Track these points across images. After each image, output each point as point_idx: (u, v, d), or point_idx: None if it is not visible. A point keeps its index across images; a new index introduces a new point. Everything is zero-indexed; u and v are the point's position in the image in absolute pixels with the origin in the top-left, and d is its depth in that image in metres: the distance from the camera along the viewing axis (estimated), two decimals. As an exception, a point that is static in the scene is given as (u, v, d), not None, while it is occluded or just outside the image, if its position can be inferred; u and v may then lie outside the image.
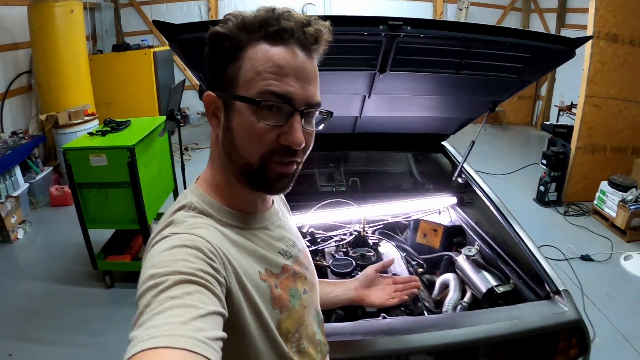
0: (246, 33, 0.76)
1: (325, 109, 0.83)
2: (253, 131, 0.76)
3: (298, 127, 0.76)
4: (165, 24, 1.45)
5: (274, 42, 0.75)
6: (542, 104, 8.45)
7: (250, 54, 0.75)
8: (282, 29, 0.74)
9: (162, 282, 0.62)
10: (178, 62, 8.29)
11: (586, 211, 4.90)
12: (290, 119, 0.76)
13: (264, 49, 0.75)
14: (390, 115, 2.45)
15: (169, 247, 0.69)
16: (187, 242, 0.70)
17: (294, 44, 0.76)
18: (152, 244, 0.73)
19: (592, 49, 4.63)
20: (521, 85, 2.12)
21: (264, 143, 0.76)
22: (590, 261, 3.92)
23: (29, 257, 4.12)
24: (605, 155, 5.05)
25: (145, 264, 0.68)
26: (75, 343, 2.92)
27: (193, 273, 0.64)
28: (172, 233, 0.73)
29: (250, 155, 0.77)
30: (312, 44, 0.77)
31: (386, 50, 1.74)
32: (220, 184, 0.85)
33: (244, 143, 0.77)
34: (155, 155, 3.74)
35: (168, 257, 0.67)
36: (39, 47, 5.28)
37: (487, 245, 2.18)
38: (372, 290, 1.39)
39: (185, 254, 0.67)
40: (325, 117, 0.86)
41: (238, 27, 0.76)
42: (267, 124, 0.75)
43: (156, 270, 0.64)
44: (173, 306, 0.59)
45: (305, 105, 0.77)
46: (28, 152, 4.97)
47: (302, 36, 0.76)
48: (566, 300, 1.62)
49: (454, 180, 2.55)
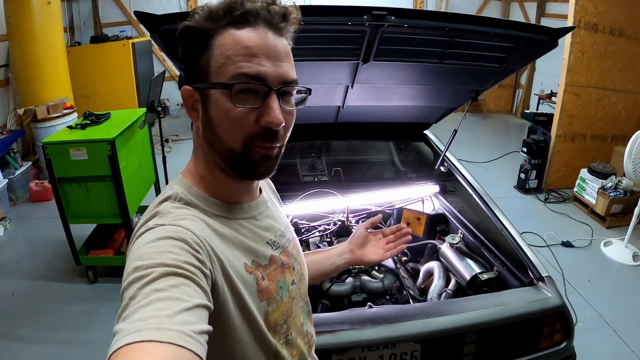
0: (213, 22, 0.75)
1: (303, 86, 0.82)
2: (231, 117, 0.75)
3: (275, 107, 0.75)
4: (146, 14, 1.44)
5: (241, 25, 0.75)
6: (522, 92, 8.54)
7: (218, 41, 0.75)
8: (247, 11, 0.74)
9: (147, 275, 0.61)
10: (157, 53, 8.16)
11: (566, 198, 4.98)
12: (266, 99, 0.76)
13: (231, 34, 0.75)
14: (373, 104, 2.46)
15: (154, 239, 0.68)
16: (172, 233, 0.69)
17: (261, 24, 0.75)
18: (137, 235, 0.73)
19: (573, 38, 4.68)
20: (504, 74, 2.14)
21: (244, 127, 0.76)
22: (571, 247, 3.99)
23: (10, 255, 4.04)
24: (585, 143, 5.12)
25: (131, 255, 0.68)
26: (60, 340, 2.88)
27: (179, 265, 0.64)
28: (158, 224, 0.72)
29: (232, 141, 0.77)
30: (280, 22, 0.77)
31: (370, 40, 1.74)
32: (205, 175, 0.84)
33: (225, 130, 0.77)
34: (136, 148, 3.69)
35: (153, 249, 0.66)
36: (16, 40, 5.16)
37: (471, 233, 2.21)
38: (367, 249, 1.37)
39: (170, 245, 0.67)
40: (305, 95, 0.85)
41: (204, 18, 0.76)
42: (244, 107, 0.75)
43: (141, 262, 0.63)
44: (158, 299, 0.58)
45: (280, 83, 0.76)
46: (6, 147, 4.87)
47: (268, 15, 0.75)
48: (549, 286, 1.65)
49: (436, 169, 2.57)
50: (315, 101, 2.29)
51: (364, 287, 1.89)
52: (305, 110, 0.88)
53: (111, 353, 0.52)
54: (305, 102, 0.86)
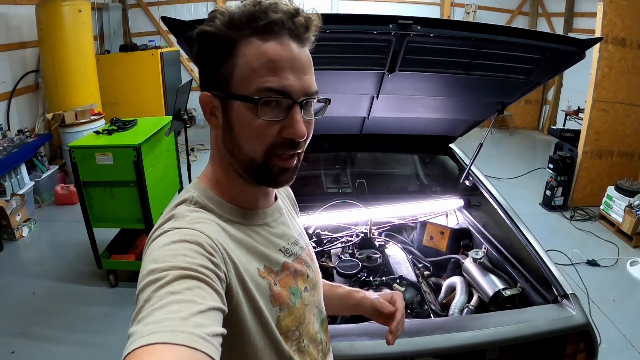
0: (235, 29, 0.74)
1: (323, 97, 0.82)
2: (254, 128, 0.75)
3: (299, 119, 0.76)
4: (173, 20, 1.46)
5: (265, 36, 0.74)
6: (549, 108, 8.42)
7: (242, 50, 0.74)
8: (272, 21, 0.73)
9: (162, 277, 0.62)
10: (186, 64, 8.32)
11: (592, 216, 4.86)
12: (290, 112, 0.75)
13: (256, 44, 0.74)
14: (398, 116, 2.44)
15: (169, 242, 0.69)
16: (187, 237, 0.70)
17: (285, 36, 0.74)
18: (152, 238, 0.73)
19: (600, 53, 4.61)
20: (530, 86, 2.11)
21: (266, 138, 0.76)
22: (597, 266, 3.88)
23: (33, 255, 4.12)
24: (612, 160, 5.01)
25: (146, 258, 0.68)
26: (77, 341, 2.91)
27: (193, 268, 0.64)
28: (173, 227, 0.73)
29: (253, 151, 0.77)
30: (304, 32, 0.76)
31: (395, 49, 1.74)
32: (222, 180, 0.84)
33: (246, 140, 0.77)
34: (162, 155, 3.75)
35: (168, 252, 0.67)
36: (47, 46, 5.30)
37: (495, 248, 2.17)
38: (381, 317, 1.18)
39: (185, 249, 0.67)
40: (324, 105, 0.85)
41: (226, 25, 0.75)
42: (268, 119, 0.75)
43: (156, 265, 0.64)
44: (173, 301, 0.58)
45: (303, 96, 0.76)
46: (34, 150, 4.98)
47: (293, 26, 0.74)
48: (574, 304, 1.61)
49: (461, 183, 2.54)
50: (341, 111, 2.30)
51: (385, 301, 1.86)
52: (331, 120, 0.88)
53: (125, 355, 0.52)
54: (325, 112, 0.85)
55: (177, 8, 8.26)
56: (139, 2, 8.25)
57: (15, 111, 5.37)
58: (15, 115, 5.39)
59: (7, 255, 4.05)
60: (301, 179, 0.83)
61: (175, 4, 8.27)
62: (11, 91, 5.28)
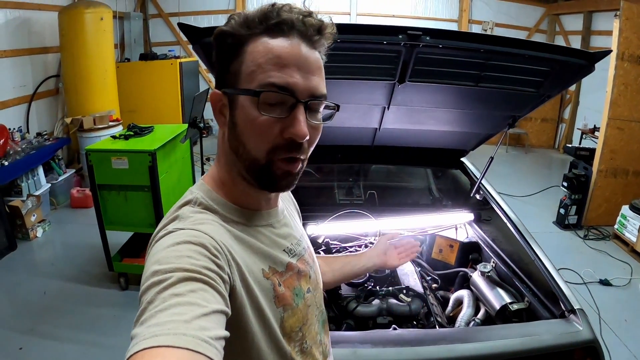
0: (248, 28, 0.76)
1: (332, 102, 0.82)
2: (256, 124, 0.75)
3: (302, 119, 0.75)
4: (189, 26, 1.49)
5: (275, 34, 0.75)
6: (565, 126, 8.35)
7: (251, 47, 0.76)
8: (283, 21, 0.74)
9: (166, 279, 0.62)
10: (204, 75, 8.42)
11: (606, 235, 4.79)
12: (293, 111, 0.75)
13: (265, 42, 0.75)
14: (409, 128, 2.45)
15: (173, 243, 0.68)
16: (191, 238, 0.69)
17: (295, 35, 0.75)
18: (156, 239, 0.73)
19: (616, 71, 4.58)
20: (541, 100, 2.10)
21: (268, 137, 0.75)
22: (609, 286, 3.82)
23: (46, 256, 4.19)
24: (627, 179, 4.95)
25: (149, 259, 0.68)
26: (85, 341, 2.94)
27: (197, 270, 0.64)
28: (177, 228, 0.73)
29: (256, 151, 0.77)
30: (314, 35, 0.77)
31: (405, 60, 1.75)
32: (226, 180, 0.85)
33: (249, 138, 0.77)
34: (177, 162, 3.79)
35: (172, 254, 0.66)
36: (68, 52, 5.42)
37: (503, 263, 2.15)
38: (387, 256, 1.50)
39: (189, 250, 0.67)
40: (333, 112, 0.84)
41: (240, 24, 0.76)
42: (270, 115, 0.74)
43: (160, 267, 0.64)
44: (176, 304, 0.58)
45: (308, 96, 0.76)
46: (52, 153, 5.06)
47: (303, 27, 0.75)
48: (581, 319, 1.59)
49: (471, 197, 2.53)
50: (353, 122, 2.32)
51: (390, 310, 1.85)
52: (343, 131, 0.88)
53: (128, 357, 0.53)
54: (333, 119, 0.85)
55: (197, 19, 8.37)
56: (160, 12, 8.41)
57: (35, 114, 5.48)
58: (35, 118, 5.50)
59: (20, 254, 4.11)
60: (314, 189, 0.84)
61: (195, 15, 8.39)
62: (32, 95, 5.40)
